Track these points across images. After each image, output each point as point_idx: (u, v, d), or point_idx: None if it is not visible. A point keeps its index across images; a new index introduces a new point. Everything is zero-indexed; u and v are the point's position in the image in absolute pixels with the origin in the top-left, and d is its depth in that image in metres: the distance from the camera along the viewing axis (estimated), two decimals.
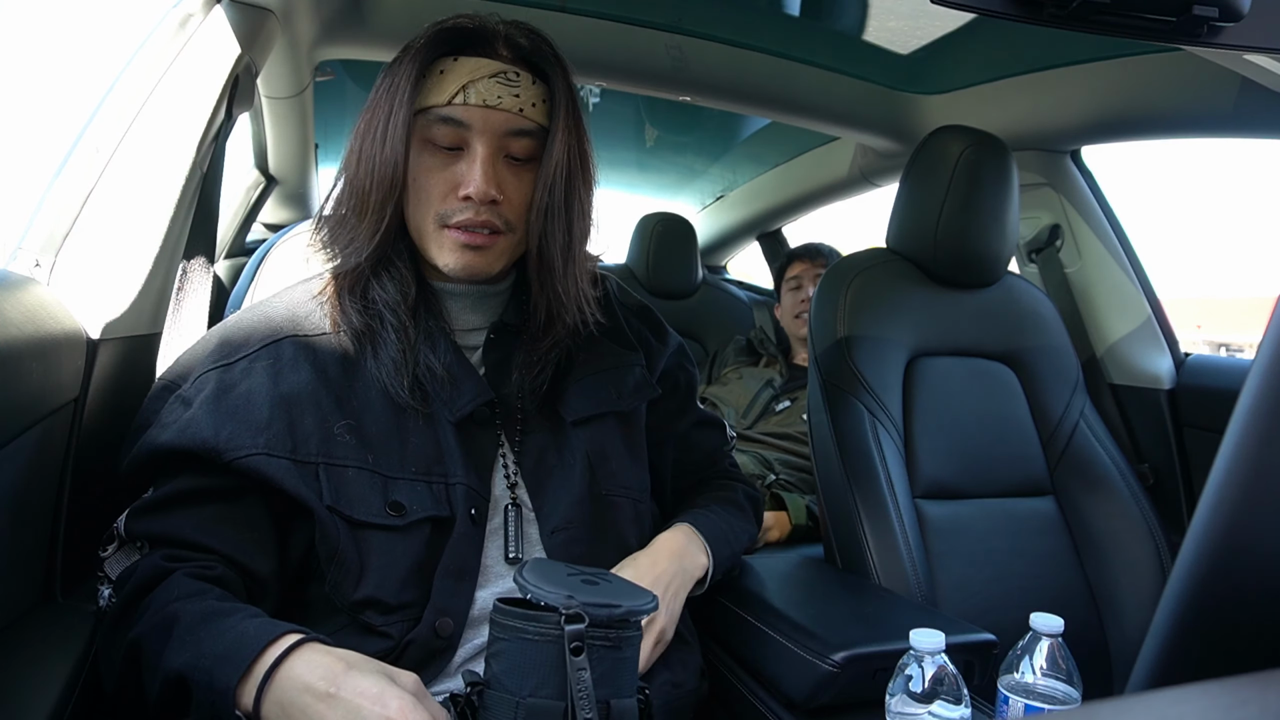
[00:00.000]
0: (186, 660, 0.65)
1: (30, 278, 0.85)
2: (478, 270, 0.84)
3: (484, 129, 0.81)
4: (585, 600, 0.61)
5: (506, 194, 0.83)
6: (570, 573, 0.66)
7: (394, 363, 0.82)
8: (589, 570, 0.69)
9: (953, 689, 0.75)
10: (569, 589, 0.63)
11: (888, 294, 1.41)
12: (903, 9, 1.51)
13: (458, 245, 0.83)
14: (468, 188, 0.81)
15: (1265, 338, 0.34)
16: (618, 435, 0.92)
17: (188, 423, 0.76)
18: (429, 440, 0.82)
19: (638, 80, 1.77)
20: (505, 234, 0.84)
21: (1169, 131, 1.55)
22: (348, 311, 0.84)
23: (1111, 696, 0.31)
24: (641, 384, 0.95)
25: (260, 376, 0.79)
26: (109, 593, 0.77)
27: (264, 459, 0.75)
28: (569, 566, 0.69)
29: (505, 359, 0.89)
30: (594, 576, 0.67)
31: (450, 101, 0.80)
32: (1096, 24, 0.64)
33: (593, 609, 0.61)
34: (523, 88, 0.82)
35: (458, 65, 0.81)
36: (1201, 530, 0.34)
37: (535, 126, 0.84)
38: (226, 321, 0.88)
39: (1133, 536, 1.37)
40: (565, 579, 0.65)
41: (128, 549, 0.78)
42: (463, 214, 0.82)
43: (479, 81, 0.81)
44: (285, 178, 2.10)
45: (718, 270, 3.36)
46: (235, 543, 0.76)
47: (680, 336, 1.08)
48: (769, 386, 2.05)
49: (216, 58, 1.06)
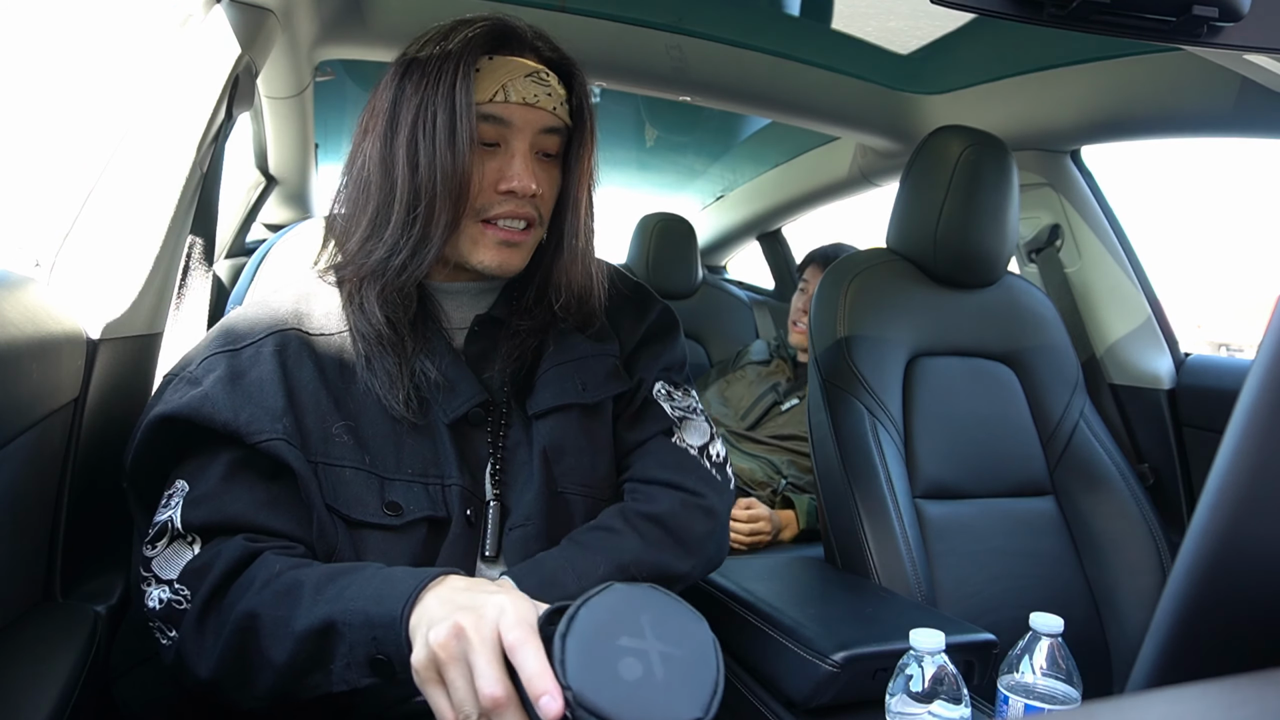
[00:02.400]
0: (331, 611, 0.65)
1: (30, 278, 0.84)
2: (511, 267, 0.86)
3: (524, 126, 0.84)
4: (588, 704, 0.50)
5: (541, 187, 0.85)
6: (626, 638, 0.53)
7: (388, 375, 0.82)
8: (665, 635, 0.54)
9: (953, 689, 0.75)
10: (593, 673, 0.51)
11: (888, 294, 1.41)
12: (903, 9, 1.51)
13: (496, 243, 0.85)
14: (512, 182, 0.83)
15: (1265, 338, 0.34)
16: (579, 429, 0.90)
17: (202, 398, 0.76)
18: (425, 443, 0.82)
19: (638, 80, 1.77)
20: (537, 227, 0.88)
21: (1169, 131, 1.55)
22: (371, 317, 0.82)
23: (1111, 696, 0.31)
24: (612, 374, 0.93)
25: (269, 364, 0.80)
26: (163, 593, 0.73)
27: (284, 445, 0.75)
28: (639, 619, 0.54)
29: (488, 351, 0.89)
30: (652, 657, 0.53)
31: (492, 99, 0.82)
32: (1096, 24, 0.64)
33: (585, 714, 0.50)
34: (553, 88, 0.86)
35: (494, 64, 0.83)
36: (1201, 530, 0.34)
37: (564, 125, 0.87)
38: (229, 314, 0.88)
39: (1133, 536, 1.37)
40: (611, 649, 0.52)
41: (179, 544, 0.75)
42: (503, 206, 0.84)
43: (517, 81, 0.83)
44: (285, 178, 2.10)
45: (718, 270, 3.36)
46: (295, 521, 0.77)
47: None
48: (773, 390, 2.05)
49: (216, 58, 1.06)
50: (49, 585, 0.84)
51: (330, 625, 0.65)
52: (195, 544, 0.75)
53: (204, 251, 1.12)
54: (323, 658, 0.66)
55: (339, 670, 0.65)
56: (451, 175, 0.80)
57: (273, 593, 0.68)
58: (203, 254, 1.11)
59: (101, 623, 0.82)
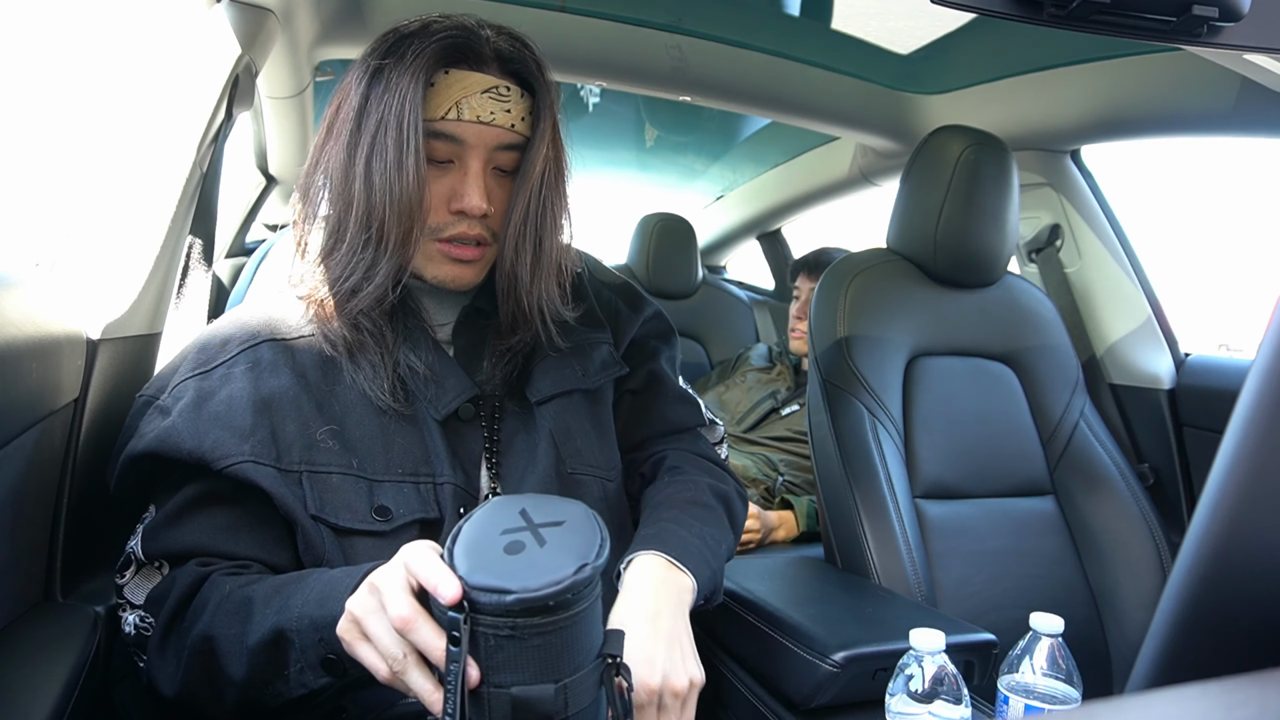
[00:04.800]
0: (279, 620, 0.67)
1: (30, 278, 0.84)
2: (464, 283, 0.85)
3: (477, 144, 0.81)
4: (478, 583, 0.54)
5: (493, 206, 0.83)
6: (507, 528, 0.58)
7: (372, 366, 0.81)
8: (542, 517, 0.60)
9: (953, 689, 0.75)
10: (480, 560, 0.56)
11: (888, 294, 1.41)
12: (902, 9, 1.51)
13: (447, 259, 0.83)
14: (462, 202, 0.81)
15: (1265, 338, 0.34)
16: (584, 413, 0.91)
17: (168, 431, 0.75)
18: (415, 440, 0.82)
19: (638, 80, 1.77)
20: (491, 245, 0.85)
21: (1169, 131, 1.55)
22: (340, 328, 0.82)
23: (1111, 696, 0.31)
24: (608, 361, 0.94)
25: (240, 382, 0.79)
26: (135, 618, 0.76)
27: (251, 466, 0.75)
28: (517, 513, 0.60)
29: (475, 344, 0.89)
30: (532, 533, 0.58)
31: (444, 116, 0.80)
32: (1096, 24, 0.64)
33: (480, 593, 0.54)
34: (513, 102, 0.82)
35: (449, 79, 0.80)
36: (1201, 530, 0.34)
37: (522, 140, 0.84)
38: (202, 331, 0.87)
39: (1133, 536, 1.37)
40: (495, 540, 0.57)
41: (146, 571, 0.77)
42: (455, 228, 0.82)
43: (472, 97, 0.80)
44: (285, 178, 2.10)
45: (718, 270, 3.36)
46: (256, 543, 0.77)
47: (680, 335, 1.07)
48: (772, 397, 2.06)
49: (216, 58, 1.06)
50: (49, 585, 0.84)
51: (280, 634, 0.67)
52: (163, 568, 0.77)
53: (204, 251, 1.12)
54: (278, 666, 0.68)
55: (295, 675, 0.67)
56: (400, 197, 0.77)
57: (225, 613, 0.70)
58: (202, 254, 1.11)
59: (101, 623, 0.82)
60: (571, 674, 0.57)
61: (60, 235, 0.89)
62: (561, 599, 0.55)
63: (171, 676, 0.72)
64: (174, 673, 0.71)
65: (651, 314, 1.03)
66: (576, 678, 0.58)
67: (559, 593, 0.54)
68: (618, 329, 0.99)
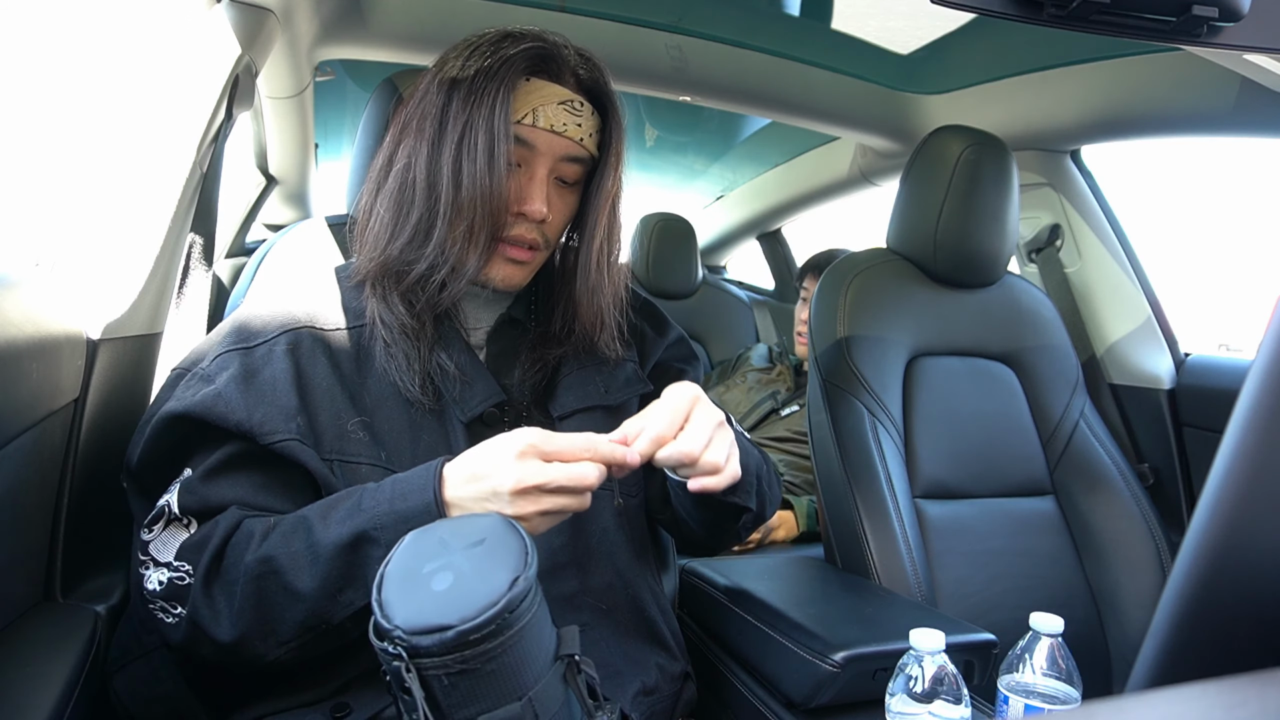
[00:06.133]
0: (355, 525, 0.69)
1: (30, 278, 0.84)
2: (514, 283, 0.88)
3: (547, 152, 0.85)
4: (416, 627, 0.53)
5: (552, 214, 0.86)
6: (429, 562, 0.58)
7: (406, 358, 0.83)
8: (461, 540, 0.59)
9: (953, 689, 0.75)
10: (412, 602, 0.55)
11: (888, 294, 1.41)
12: (903, 9, 1.51)
13: (504, 259, 0.86)
14: (525, 204, 0.84)
15: (1265, 338, 0.34)
16: (603, 429, 0.91)
17: (214, 397, 0.76)
18: (440, 439, 0.83)
19: (638, 80, 1.77)
20: (542, 250, 0.89)
21: (1169, 131, 1.55)
22: (394, 309, 0.84)
23: (1111, 696, 0.31)
24: (632, 379, 0.96)
25: (282, 363, 0.80)
26: (162, 575, 0.74)
27: (298, 445, 0.77)
28: (435, 543, 0.60)
29: (507, 351, 0.91)
30: (457, 560, 0.58)
31: (520, 121, 0.83)
32: (1096, 24, 0.64)
33: (420, 637, 0.53)
34: (584, 118, 0.86)
35: (530, 86, 0.83)
36: (1201, 530, 0.34)
37: (588, 155, 0.88)
38: (240, 310, 0.88)
39: (1133, 536, 1.37)
40: (421, 577, 0.57)
41: (174, 528, 0.76)
42: (514, 228, 0.85)
43: (548, 106, 0.84)
44: (285, 178, 2.10)
45: (718, 270, 3.36)
46: (292, 503, 0.78)
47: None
48: (772, 398, 2.05)
49: (216, 58, 1.06)
50: (49, 585, 0.84)
51: (361, 536, 0.69)
52: (190, 525, 0.76)
53: (204, 251, 1.12)
54: (355, 571, 0.69)
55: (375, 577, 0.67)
56: (490, 196, 0.81)
57: (280, 535, 0.71)
58: (203, 254, 1.12)
59: (101, 623, 0.82)
60: (534, 684, 0.57)
61: (60, 235, 0.89)
62: (503, 619, 0.54)
63: (223, 612, 0.71)
64: (226, 607, 0.71)
65: (676, 338, 1.06)
66: (539, 687, 0.57)
67: (499, 613, 0.54)
68: (643, 349, 1.01)
